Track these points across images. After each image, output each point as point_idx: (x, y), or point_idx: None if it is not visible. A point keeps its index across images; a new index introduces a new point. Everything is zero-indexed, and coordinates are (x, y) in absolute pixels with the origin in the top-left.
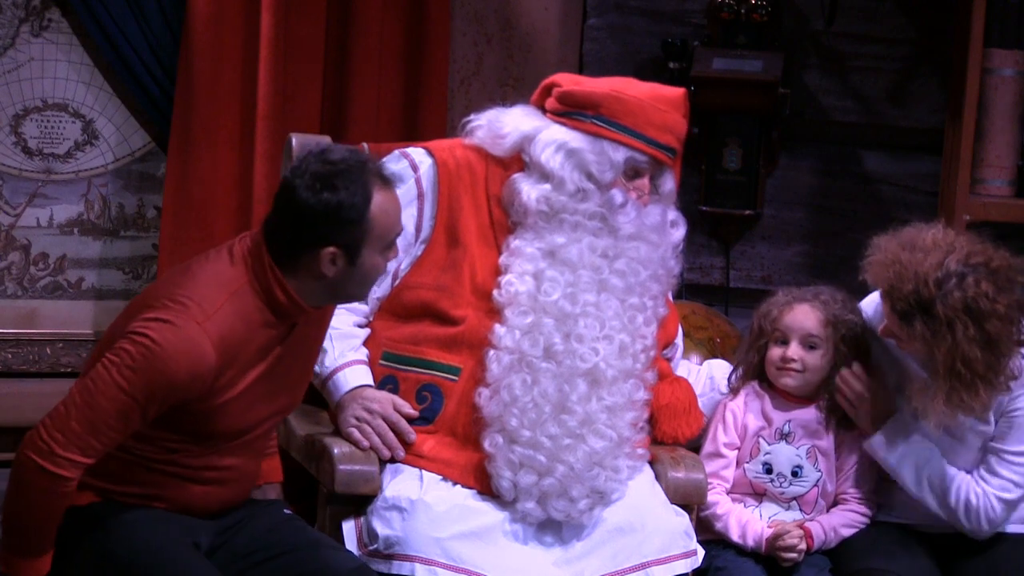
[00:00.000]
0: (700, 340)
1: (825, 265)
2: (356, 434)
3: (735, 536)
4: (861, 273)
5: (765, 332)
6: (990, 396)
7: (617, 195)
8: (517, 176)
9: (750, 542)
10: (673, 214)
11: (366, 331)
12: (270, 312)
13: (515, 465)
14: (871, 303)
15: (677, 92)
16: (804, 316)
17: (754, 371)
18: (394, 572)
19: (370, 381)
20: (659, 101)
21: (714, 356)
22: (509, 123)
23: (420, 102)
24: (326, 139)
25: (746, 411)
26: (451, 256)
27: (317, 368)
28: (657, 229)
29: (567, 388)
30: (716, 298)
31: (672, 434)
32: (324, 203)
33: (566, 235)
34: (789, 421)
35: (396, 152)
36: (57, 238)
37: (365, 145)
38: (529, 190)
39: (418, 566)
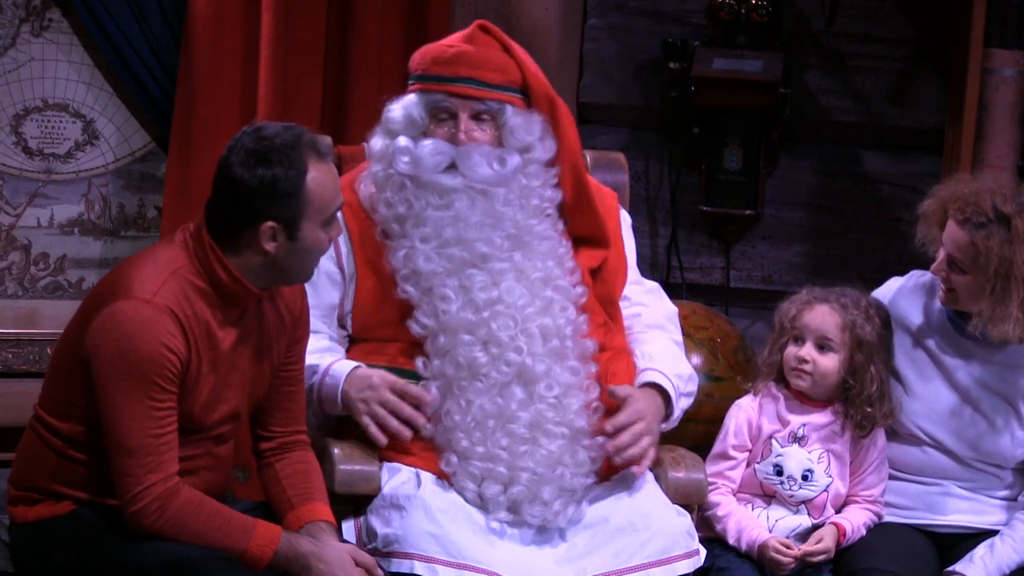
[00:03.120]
0: (700, 340)
1: (825, 265)
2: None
3: (731, 539)
4: (915, 225)
5: (785, 330)
6: None
7: (398, 141)
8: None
9: (744, 547)
10: (514, 145)
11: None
12: (215, 293)
13: (477, 477)
14: (887, 292)
15: (475, 24)
16: (821, 317)
17: (775, 370)
18: (393, 570)
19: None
20: (452, 39)
21: (714, 356)
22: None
23: None
24: (327, 139)
25: (761, 414)
26: (383, 289)
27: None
28: (477, 164)
29: (501, 400)
30: (716, 298)
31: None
32: (259, 178)
33: (402, 233)
34: (804, 424)
35: None
36: (58, 238)
37: (366, 145)
38: (365, 190)
39: (417, 563)
